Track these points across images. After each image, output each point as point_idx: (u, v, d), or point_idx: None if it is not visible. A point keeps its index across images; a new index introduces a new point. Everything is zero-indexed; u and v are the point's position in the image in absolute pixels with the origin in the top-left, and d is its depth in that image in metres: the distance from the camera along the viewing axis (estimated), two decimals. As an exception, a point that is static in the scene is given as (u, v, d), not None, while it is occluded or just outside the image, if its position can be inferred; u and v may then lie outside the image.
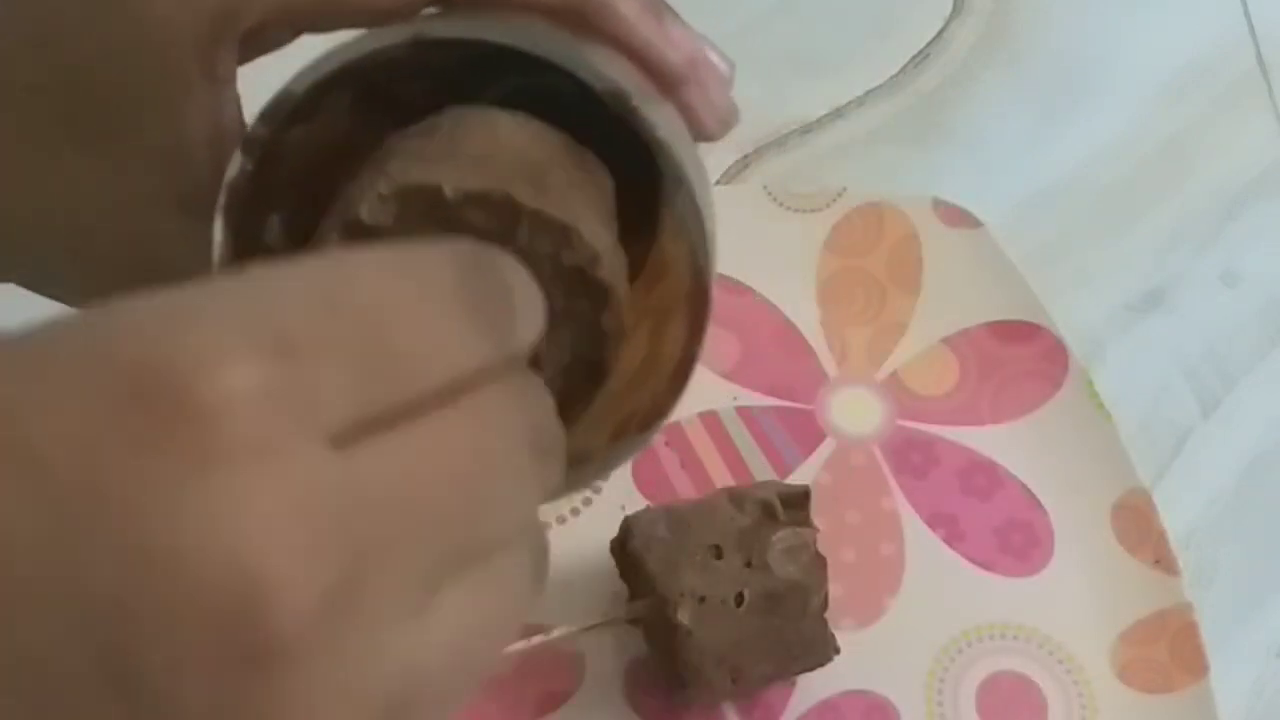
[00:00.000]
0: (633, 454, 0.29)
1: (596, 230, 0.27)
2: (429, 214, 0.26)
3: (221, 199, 0.28)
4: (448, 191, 0.26)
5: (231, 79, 0.31)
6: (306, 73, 0.28)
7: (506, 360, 0.23)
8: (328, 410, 0.20)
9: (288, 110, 0.28)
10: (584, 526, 0.53)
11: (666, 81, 0.30)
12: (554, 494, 0.24)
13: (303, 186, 0.30)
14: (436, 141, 0.27)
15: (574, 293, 0.27)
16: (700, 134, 0.31)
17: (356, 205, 0.26)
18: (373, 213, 0.26)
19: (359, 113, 0.30)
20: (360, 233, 0.26)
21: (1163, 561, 0.54)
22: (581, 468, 0.29)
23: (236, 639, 0.18)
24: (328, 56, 0.28)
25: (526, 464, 0.23)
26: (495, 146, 0.27)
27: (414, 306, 0.21)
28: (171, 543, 0.18)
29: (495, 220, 0.26)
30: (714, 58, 0.31)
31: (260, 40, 0.31)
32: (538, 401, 0.24)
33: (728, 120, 0.31)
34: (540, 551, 0.24)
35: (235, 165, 0.28)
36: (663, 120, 0.28)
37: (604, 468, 0.30)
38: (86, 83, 0.30)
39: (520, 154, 0.27)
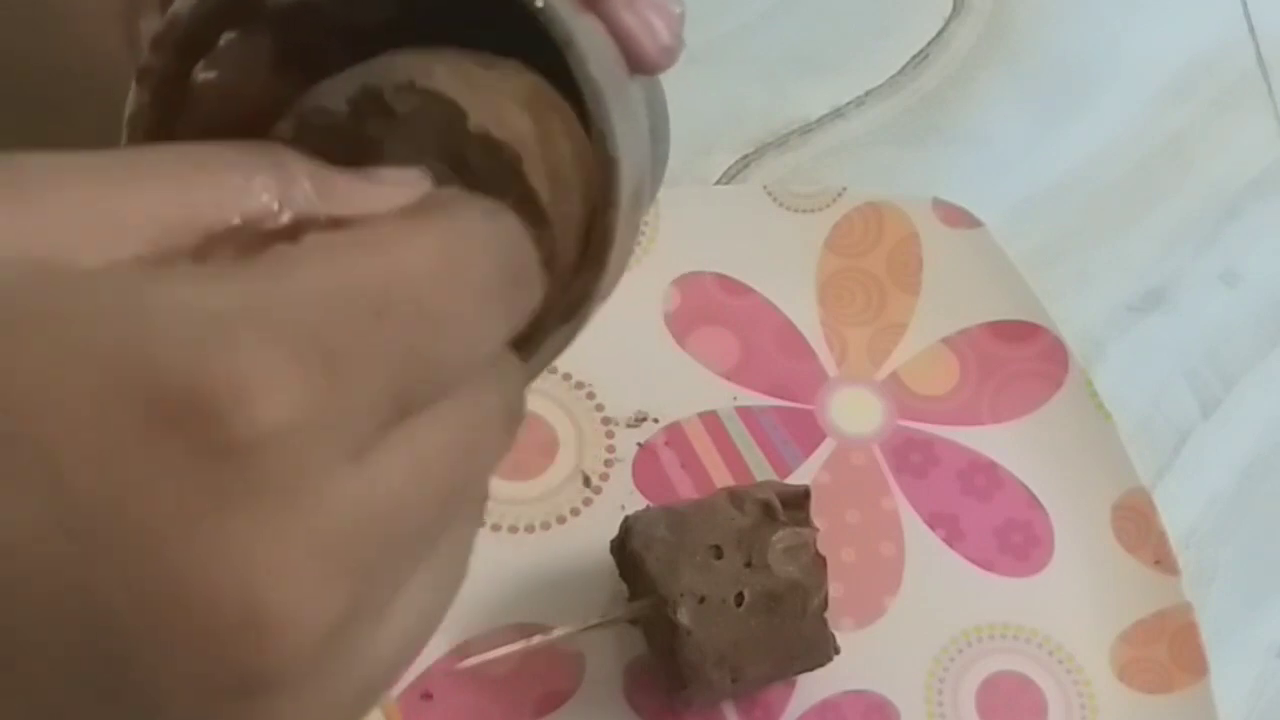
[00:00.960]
0: (560, 346, 0.28)
1: (502, 117, 0.26)
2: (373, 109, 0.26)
3: (124, 137, 0.27)
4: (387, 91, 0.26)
5: None
6: None
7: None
8: (359, 425, 0.19)
9: (177, 37, 0.27)
10: (584, 526, 0.53)
11: None
12: None
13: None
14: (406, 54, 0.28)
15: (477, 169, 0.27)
16: (638, 59, 0.29)
17: (314, 95, 0.27)
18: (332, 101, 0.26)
19: (289, 77, 0.30)
20: (317, 117, 0.26)
21: (1163, 561, 0.54)
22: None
23: (232, 668, 0.18)
24: None
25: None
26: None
27: (457, 306, 0.21)
28: (184, 572, 0.18)
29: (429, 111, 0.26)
30: None
31: None
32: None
33: (669, 46, 0.29)
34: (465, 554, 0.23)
35: (132, 100, 0.27)
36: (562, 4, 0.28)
37: (535, 366, 0.29)
38: (17, 64, 0.30)
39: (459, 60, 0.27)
